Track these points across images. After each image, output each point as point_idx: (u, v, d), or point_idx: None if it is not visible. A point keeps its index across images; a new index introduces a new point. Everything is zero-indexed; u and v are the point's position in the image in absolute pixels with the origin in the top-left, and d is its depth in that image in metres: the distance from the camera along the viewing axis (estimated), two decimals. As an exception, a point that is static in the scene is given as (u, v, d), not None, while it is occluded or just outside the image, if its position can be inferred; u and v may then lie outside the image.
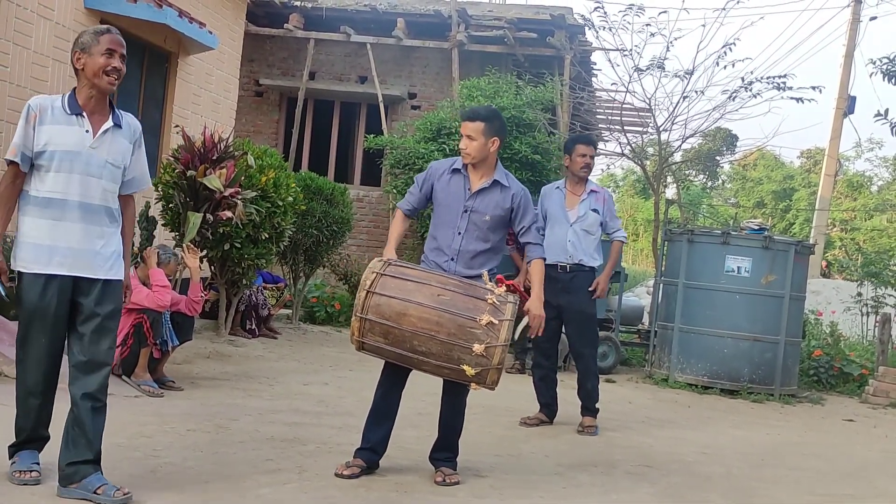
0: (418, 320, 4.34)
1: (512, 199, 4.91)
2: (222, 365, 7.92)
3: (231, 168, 8.15)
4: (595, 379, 6.80)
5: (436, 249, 4.90)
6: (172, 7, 9.14)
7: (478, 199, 4.88)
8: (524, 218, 4.95)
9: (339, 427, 5.82)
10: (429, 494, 4.55)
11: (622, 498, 4.89)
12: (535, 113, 12.01)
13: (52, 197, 3.87)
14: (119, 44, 3.96)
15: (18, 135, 3.88)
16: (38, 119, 3.88)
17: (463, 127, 4.93)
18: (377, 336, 4.42)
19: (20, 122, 3.90)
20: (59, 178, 3.87)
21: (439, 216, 4.94)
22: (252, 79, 15.22)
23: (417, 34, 14.55)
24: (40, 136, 3.86)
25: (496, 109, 5.20)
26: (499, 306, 4.39)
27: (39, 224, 3.87)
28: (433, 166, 5.07)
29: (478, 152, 4.85)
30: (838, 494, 5.48)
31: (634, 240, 35.98)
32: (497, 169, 4.95)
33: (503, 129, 4.98)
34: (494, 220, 4.88)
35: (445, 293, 4.41)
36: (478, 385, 4.44)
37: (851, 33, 21.00)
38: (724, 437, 7.08)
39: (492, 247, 4.91)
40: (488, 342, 4.31)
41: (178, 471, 4.45)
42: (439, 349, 4.35)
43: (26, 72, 8.02)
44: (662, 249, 10.74)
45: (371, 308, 4.38)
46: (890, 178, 39.76)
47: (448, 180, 4.94)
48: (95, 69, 3.89)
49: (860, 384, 10.34)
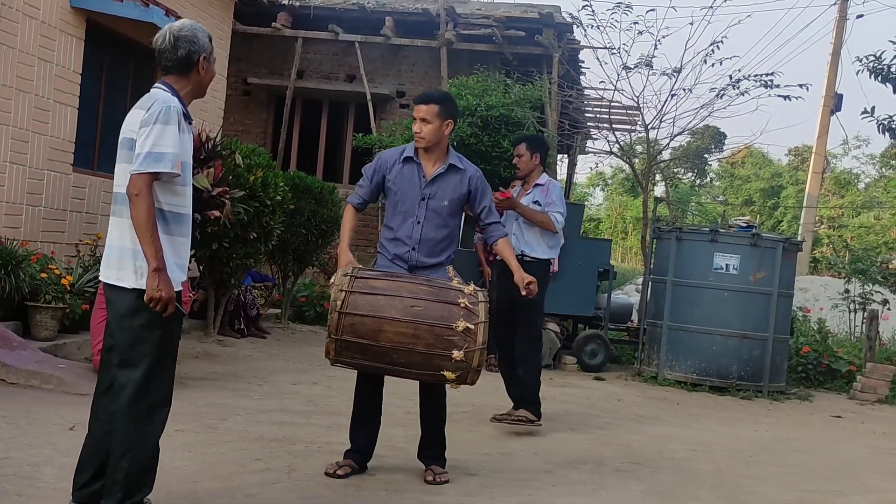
0: (395, 335, 4.28)
1: (469, 182, 4.88)
2: (211, 365, 7.90)
3: (219, 167, 8.12)
4: (528, 366, 6.46)
5: (394, 240, 4.85)
6: (159, 6, 9.10)
7: (435, 185, 4.83)
8: (483, 198, 4.94)
9: (328, 426, 5.82)
10: (419, 493, 4.55)
11: (611, 495, 4.90)
12: (523, 111, 12.00)
13: (180, 212, 3.61)
14: None
15: (175, 144, 3.47)
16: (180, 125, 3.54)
17: (416, 110, 4.83)
18: (354, 353, 4.36)
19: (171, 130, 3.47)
20: (187, 191, 3.65)
21: (395, 206, 4.87)
22: (240, 78, 15.17)
23: (406, 33, 14.54)
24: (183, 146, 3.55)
25: (449, 93, 5.17)
26: (472, 308, 4.36)
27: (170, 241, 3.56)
28: (382, 156, 4.99)
29: (432, 135, 4.79)
30: (826, 491, 5.50)
31: (623, 238, 36.03)
32: (450, 153, 4.91)
33: (456, 111, 4.97)
34: (453, 204, 4.85)
35: (418, 303, 4.35)
36: (458, 385, 4.43)
37: (838, 31, 21.09)
38: (713, 434, 7.10)
39: (451, 232, 4.91)
40: (467, 347, 4.28)
41: (167, 471, 4.42)
42: (419, 360, 4.32)
43: (12, 71, 7.98)
44: (651, 247, 10.76)
45: (345, 329, 4.30)
46: (877, 175, 39.94)
47: (400, 170, 4.87)
48: (209, 81, 3.75)
49: (848, 381, 10.38)
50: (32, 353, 6.60)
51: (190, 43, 3.62)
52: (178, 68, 3.63)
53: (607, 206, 43.27)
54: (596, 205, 44.71)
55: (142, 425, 3.51)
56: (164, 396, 3.60)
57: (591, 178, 43.52)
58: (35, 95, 8.30)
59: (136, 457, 3.49)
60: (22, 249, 7.40)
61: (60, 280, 7.31)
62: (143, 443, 3.52)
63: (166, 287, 3.42)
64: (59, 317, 7.24)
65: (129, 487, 3.47)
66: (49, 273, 7.32)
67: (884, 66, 9.95)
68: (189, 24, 3.67)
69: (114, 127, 10.59)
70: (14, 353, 6.40)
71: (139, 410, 3.50)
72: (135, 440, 3.49)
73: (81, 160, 9.14)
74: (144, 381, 3.50)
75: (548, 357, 10.12)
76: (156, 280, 3.40)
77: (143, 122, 3.48)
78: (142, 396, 3.50)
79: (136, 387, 3.49)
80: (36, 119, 8.34)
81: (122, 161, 3.57)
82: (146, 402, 3.51)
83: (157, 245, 3.42)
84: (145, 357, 3.50)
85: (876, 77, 10.01)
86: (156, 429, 3.57)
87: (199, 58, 3.64)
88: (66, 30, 8.68)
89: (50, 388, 6.11)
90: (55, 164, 8.67)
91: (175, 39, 3.61)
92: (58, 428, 5.12)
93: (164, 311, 3.44)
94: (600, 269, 10.48)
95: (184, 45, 3.61)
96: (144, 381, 3.50)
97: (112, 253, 3.60)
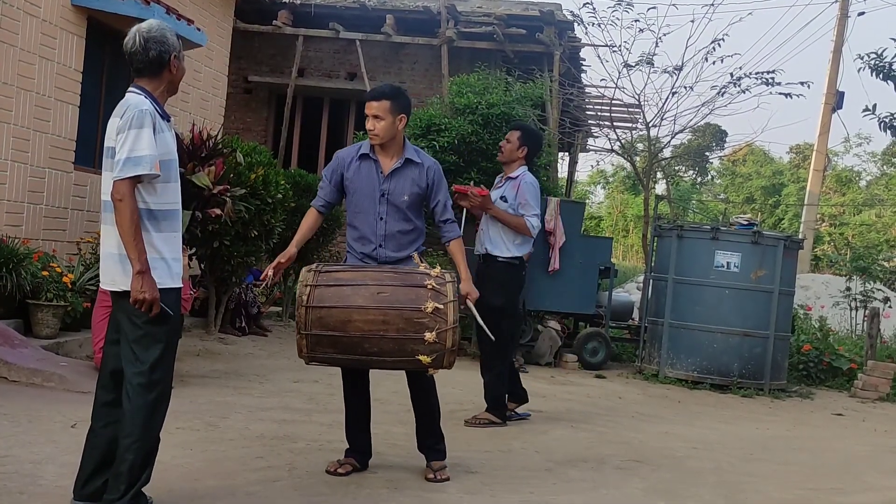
0: (364, 323, 4.26)
1: (427, 174, 4.82)
2: (212, 363, 7.90)
3: (220, 165, 8.13)
4: (490, 374, 6.36)
5: (360, 239, 4.81)
6: (160, 4, 9.10)
7: (392, 180, 4.77)
8: (438, 192, 4.85)
9: (328, 424, 5.82)
10: (419, 491, 4.55)
11: (612, 493, 4.90)
12: (524, 109, 12.01)
13: (167, 209, 3.65)
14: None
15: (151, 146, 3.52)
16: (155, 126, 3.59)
17: (367, 107, 4.76)
18: (326, 348, 4.34)
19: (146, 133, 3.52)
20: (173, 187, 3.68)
21: (356, 204, 4.83)
22: (241, 76, 15.17)
23: (406, 31, 14.53)
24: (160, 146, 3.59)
25: (400, 87, 5.06)
26: (439, 289, 4.33)
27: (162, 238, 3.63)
28: (339, 155, 4.94)
29: (386, 132, 4.71)
30: (827, 489, 5.50)
31: (624, 236, 36.02)
32: (406, 147, 4.84)
33: (408, 105, 4.87)
34: (413, 198, 4.79)
35: (384, 289, 4.33)
36: (435, 370, 4.41)
37: (839, 29, 21.06)
38: (714, 432, 7.10)
39: (415, 227, 4.84)
40: (438, 328, 4.26)
41: (167, 469, 4.43)
42: (391, 346, 4.30)
43: (13, 69, 7.98)
44: (652, 245, 10.76)
45: (313, 323, 4.29)
46: (878, 172, 39.92)
47: (358, 167, 4.81)
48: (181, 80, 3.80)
49: (849, 378, 10.38)
50: (34, 351, 6.60)
51: (160, 43, 3.63)
52: (150, 69, 3.66)
53: (608, 204, 43.25)
54: (597, 203, 44.69)
55: (148, 417, 3.60)
56: (167, 389, 3.71)
57: (592, 176, 43.52)
58: (36, 94, 8.30)
59: (141, 448, 3.58)
60: (23, 247, 7.40)
61: (62, 278, 7.31)
62: (148, 434, 3.61)
63: (150, 288, 3.51)
64: (61, 315, 7.25)
65: (133, 478, 3.56)
66: (50, 271, 7.32)
67: (885, 64, 9.92)
68: (157, 24, 3.70)
69: (115, 125, 10.57)
70: (16, 351, 6.40)
71: (146, 402, 3.59)
72: (141, 431, 3.57)
73: (82, 158, 9.14)
74: (151, 373, 3.60)
75: (549, 355, 10.13)
76: (140, 282, 3.50)
77: (118, 129, 3.56)
78: (149, 389, 3.60)
79: (144, 379, 3.58)
80: (37, 117, 8.34)
81: (107, 169, 3.65)
82: (152, 395, 3.61)
83: (141, 248, 3.50)
84: (152, 351, 3.60)
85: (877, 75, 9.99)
86: (159, 420, 3.67)
87: (169, 57, 3.67)
88: (67, 28, 8.68)
89: (51, 385, 6.12)
90: (56, 162, 8.67)
91: (145, 41, 3.63)
92: (59, 426, 5.12)
93: (150, 312, 3.53)
94: (601, 267, 10.47)
95: (154, 46, 3.63)
96: (151, 373, 3.60)
97: (105, 259, 3.71)
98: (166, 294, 3.60)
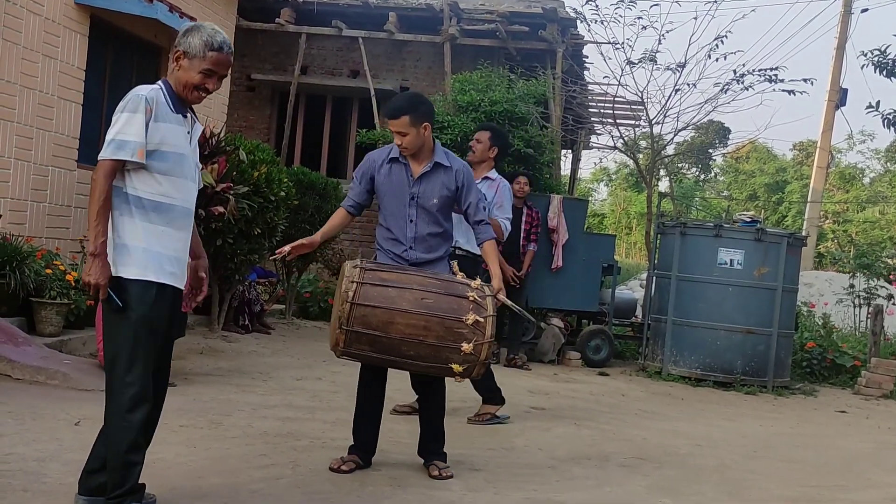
0: (406, 327, 4.31)
1: (456, 177, 4.84)
2: (215, 361, 7.91)
3: (223, 163, 8.13)
4: None
5: (391, 240, 4.84)
6: (163, 2, 9.10)
7: (422, 184, 4.80)
8: (469, 194, 4.87)
9: (332, 422, 5.82)
10: (423, 488, 4.55)
11: (615, 490, 4.90)
12: (527, 107, 12.00)
13: (161, 201, 3.54)
14: (226, 66, 3.62)
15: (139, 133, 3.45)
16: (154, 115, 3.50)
17: (390, 125, 4.78)
18: (363, 345, 4.37)
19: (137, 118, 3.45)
20: (172, 181, 3.56)
21: (387, 207, 4.86)
22: (244, 74, 15.16)
23: (409, 28, 14.52)
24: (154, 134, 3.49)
25: (415, 94, 4.99)
26: (480, 302, 4.40)
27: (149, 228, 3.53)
28: (370, 157, 4.94)
29: (413, 144, 4.73)
30: (830, 486, 5.49)
31: (627, 233, 36.02)
32: (436, 150, 4.86)
33: (429, 112, 4.83)
34: (442, 201, 4.82)
35: (429, 296, 4.38)
36: (462, 379, 4.46)
37: (843, 25, 21.05)
38: (718, 429, 7.10)
39: (444, 230, 4.88)
40: (476, 340, 4.32)
41: (171, 466, 4.44)
42: (428, 352, 4.34)
43: (16, 67, 7.99)
44: (655, 242, 10.76)
45: (356, 319, 4.30)
46: (882, 169, 39.87)
47: (388, 170, 4.84)
48: (186, 82, 3.58)
49: (853, 376, 10.37)
50: (37, 348, 6.61)
51: (178, 38, 3.61)
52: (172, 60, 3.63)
53: (611, 201, 43.27)
54: (600, 200, 44.70)
55: (116, 421, 3.47)
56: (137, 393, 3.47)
57: (595, 174, 43.52)
58: (39, 92, 8.31)
59: (114, 453, 3.47)
60: (27, 245, 7.41)
61: (65, 276, 7.32)
62: (117, 439, 3.46)
63: (97, 273, 3.42)
64: (64, 313, 7.26)
65: (113, 482, 3.47)
66: (54, 269, 7.33)
67: (889, 61, 9.92)
68: (200, 24, 3.64)
69: (118, 123, 10.55)
70: (19, 349, 6.41)
71: (113, 406, 3.49)
72: (112, 436, 3.48)
73: (86, 156, 9.14)
74: (111, 372, 3.50)
75: (552, 353, 10.13)
76: (89, 265, 3.44)
77: (115, 111, 3.52)
78: (114, 391, 3.48)
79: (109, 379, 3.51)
80: (40, 115, 8.35)
81: None
82: (117, 399, 3.47)
83: (100, 230, 3.42)
84: (112, 349, 3.51)
85: (881, 71, 9.98)
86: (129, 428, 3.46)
87: (175, 52, 3.59)
88: (70, 26, 8.68)
89: (55, 383, 6.12)
90: (59, 160, 8.68)
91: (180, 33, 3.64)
92: (63, 423, 5.13)
93: (97, 296, 3.45)
94: (604, 264, 10.47)
95: (177, 40, 3.62)
96: (111, 372, 3.50)
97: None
98: (133, 284, 3.48)
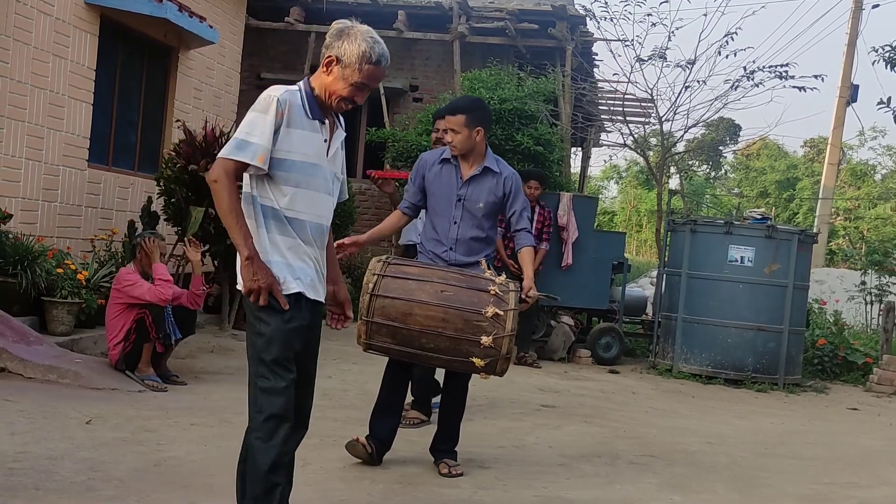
0: (424, 318, 4.34)
1: (504, 184, 4.92)
2: (226, 359, 7.92)
3: (233, 162, 8.13)
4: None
5: (434, 240, 4.93)
6: (173, 2, 9.12)
7: (470, 186, 4.89)
8: (515, 202, 4.96)
9: (342, 420, 5.83)
10: (433, 486, 4.56)
11: (626, 488, 4.90)
12: (537, 104, 11.98)
13: (287, 214, 3.19)
14: (378, 79, 3.35)
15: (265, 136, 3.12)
16: (287, 119, 3.18)
17: (446, 121, 4.92)
18: (384, 337, 4.41)
19: (265, 120, 3.14)
20: (297, 193, 3.21)
21: (434, 207, 4.96)
22: (253, 73, 15.18)
23: (418, 26, 14.52)
24: (284, 141, 3.17)
25: (477, 99, 5.16)
26: (502, 296, 4.40)
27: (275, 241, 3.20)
28: (423, 157, 5.07)
29: (463, 144, 4.83)
30: (842, 483, 5.48)
31: (638, 231, 35.95)
32: (487, 156, 4.94)
33: (486, 117, 4.95)
34: (488, 206, 4.89)
35: (448, 289, 4.41)
36: (487, 375, 4.45)
37: (854, 21, 20.96)
38: (728, 426, 7.08)
39: (487, 235, 4.95)
40: (496, 333, 4.31)
41: (181, 464, 4.45)
42: (448, 345, 4.36)
43: (27, 68, 8.02)
44: (665, 240, 10.73)
45: (376, 311, 4.36)
46: (893, 166, 39.67)
47: (439, 170, 4.94)
48: (334, 91, 3.29)
49: (864, 373, 10.33)
50: (49, 347, 6.64)
51: (330, 38, 3.31)
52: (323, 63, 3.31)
53: (621, 198, 43.18)
54: (610, 198, 44.64)
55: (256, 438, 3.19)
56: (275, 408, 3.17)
57: (605, 171, 43.44)
58: (50, 91, 8.34)
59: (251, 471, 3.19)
60: (38, 245, 7.44)
61: (76, 275, 7.35)
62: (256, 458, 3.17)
63: (263, 275, 3.09)
64: (76, 312, 7.29)
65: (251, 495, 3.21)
66: (65, 268, 7.36)
67: (900, 57, 9.88)
68: (355, 27, 3.34)
69: (128, 123, 10.65)
70: (31, 348, 6.44)
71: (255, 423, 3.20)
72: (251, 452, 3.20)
73: (96, 156, 9.18)
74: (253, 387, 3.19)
75: (562, 350, 10.12)
76: (250, 269, 3.08)
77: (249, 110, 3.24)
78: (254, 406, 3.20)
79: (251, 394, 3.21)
80: (51, 115, 8.38)
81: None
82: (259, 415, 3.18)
83: (244, 232, 3.10)
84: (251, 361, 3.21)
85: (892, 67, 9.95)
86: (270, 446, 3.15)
87: (328, 56, 3.29)
88: (80, 26, 8.71)
89: (66, 382, 6.15)
90: (70, 159, 8.71)
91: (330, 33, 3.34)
92: (74, 422, 5.15)
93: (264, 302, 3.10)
94: (615, 262, 10.45)
95: (327, 40, 3.33)
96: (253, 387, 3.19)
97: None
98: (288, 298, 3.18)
